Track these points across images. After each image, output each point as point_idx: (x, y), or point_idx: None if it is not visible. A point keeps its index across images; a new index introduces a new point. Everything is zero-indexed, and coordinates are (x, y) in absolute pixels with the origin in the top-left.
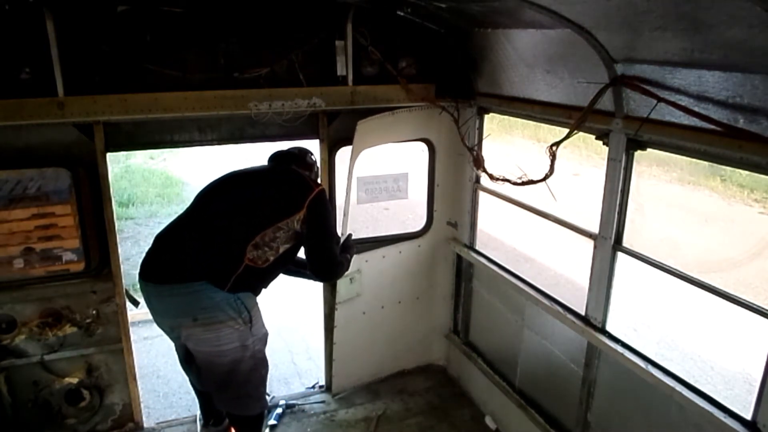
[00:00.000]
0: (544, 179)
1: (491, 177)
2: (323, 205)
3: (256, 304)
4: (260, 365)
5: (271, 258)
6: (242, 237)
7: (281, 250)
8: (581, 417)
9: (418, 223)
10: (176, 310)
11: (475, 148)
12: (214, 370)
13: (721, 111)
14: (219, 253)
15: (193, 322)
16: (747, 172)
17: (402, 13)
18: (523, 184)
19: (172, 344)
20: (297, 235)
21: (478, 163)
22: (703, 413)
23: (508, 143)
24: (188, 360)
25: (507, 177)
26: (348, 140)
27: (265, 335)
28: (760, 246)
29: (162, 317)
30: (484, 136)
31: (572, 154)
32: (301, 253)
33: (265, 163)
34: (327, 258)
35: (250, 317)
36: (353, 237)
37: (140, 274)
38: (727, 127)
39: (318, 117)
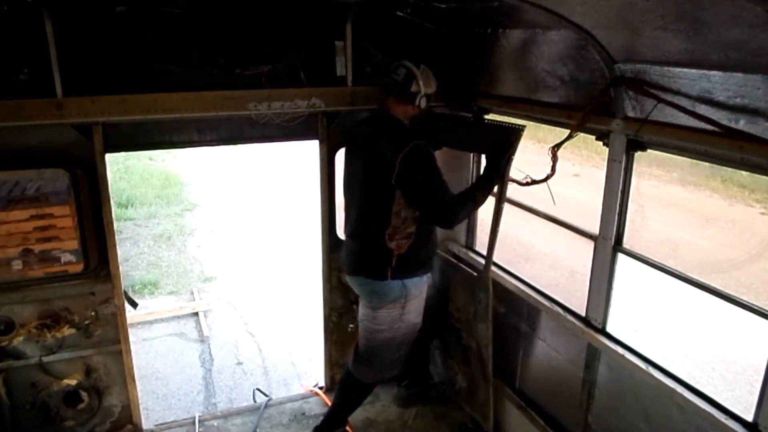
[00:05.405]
0: (545, 180)
1: None
2: None
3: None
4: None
5: None
6: None
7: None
8: (581, 418)
9: None
10: None
11: None
12: None
13: (722, 112)
14: None
15: None
16: (748, 173)
17: (402, 14)
18: (528, 185)
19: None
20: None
21: None
22: (704, 414)
23: None
24: None
25: (514, 178)
26: None
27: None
28: (761, 247)
29: None
30: None
31: (572, 155)
32: None
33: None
34: None
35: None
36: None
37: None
38: (728, 128)
39: (317, 117)
